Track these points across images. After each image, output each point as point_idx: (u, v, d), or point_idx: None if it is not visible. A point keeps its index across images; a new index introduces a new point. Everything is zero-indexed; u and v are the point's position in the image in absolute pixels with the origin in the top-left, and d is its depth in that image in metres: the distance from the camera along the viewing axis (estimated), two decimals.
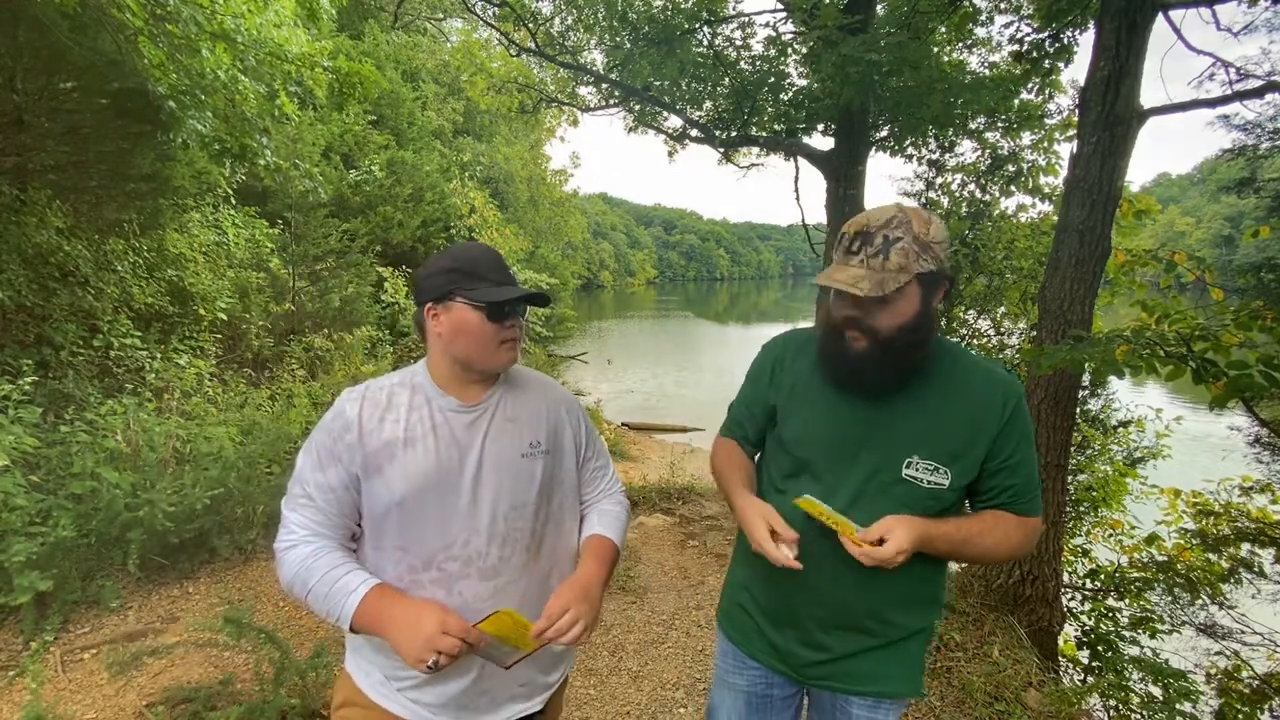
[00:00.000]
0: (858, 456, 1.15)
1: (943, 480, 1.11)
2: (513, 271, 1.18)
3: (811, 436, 1.20)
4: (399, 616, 1.00)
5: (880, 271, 1.03)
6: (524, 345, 1.26)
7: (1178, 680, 3.19)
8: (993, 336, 5.76)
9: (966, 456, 1.11)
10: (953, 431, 1.11)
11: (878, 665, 1.21)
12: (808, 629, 1.23)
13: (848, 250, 1.08)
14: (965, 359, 1.17)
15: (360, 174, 10.55)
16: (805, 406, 1.22)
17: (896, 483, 1.12)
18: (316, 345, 7.11)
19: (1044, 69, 4.71)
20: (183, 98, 4.20)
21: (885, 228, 1.05)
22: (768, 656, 1.29)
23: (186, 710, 2.29)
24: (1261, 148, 3.65)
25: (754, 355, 1.38)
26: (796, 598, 1.23)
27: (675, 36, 5.94)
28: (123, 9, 3.77)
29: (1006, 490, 1.14)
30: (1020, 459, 1.13)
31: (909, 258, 1.03)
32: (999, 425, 1.11)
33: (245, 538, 3.68)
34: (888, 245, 1.03)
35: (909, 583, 1.16)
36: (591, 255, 69.37)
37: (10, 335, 4.19)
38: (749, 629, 1.32)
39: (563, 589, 1.09)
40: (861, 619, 1.19)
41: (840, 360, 1.14)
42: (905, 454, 1.12)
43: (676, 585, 3.75)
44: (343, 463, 1.08)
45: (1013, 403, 1.12)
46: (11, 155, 4.20)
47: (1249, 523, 3.81)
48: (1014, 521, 1.14)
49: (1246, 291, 3.04)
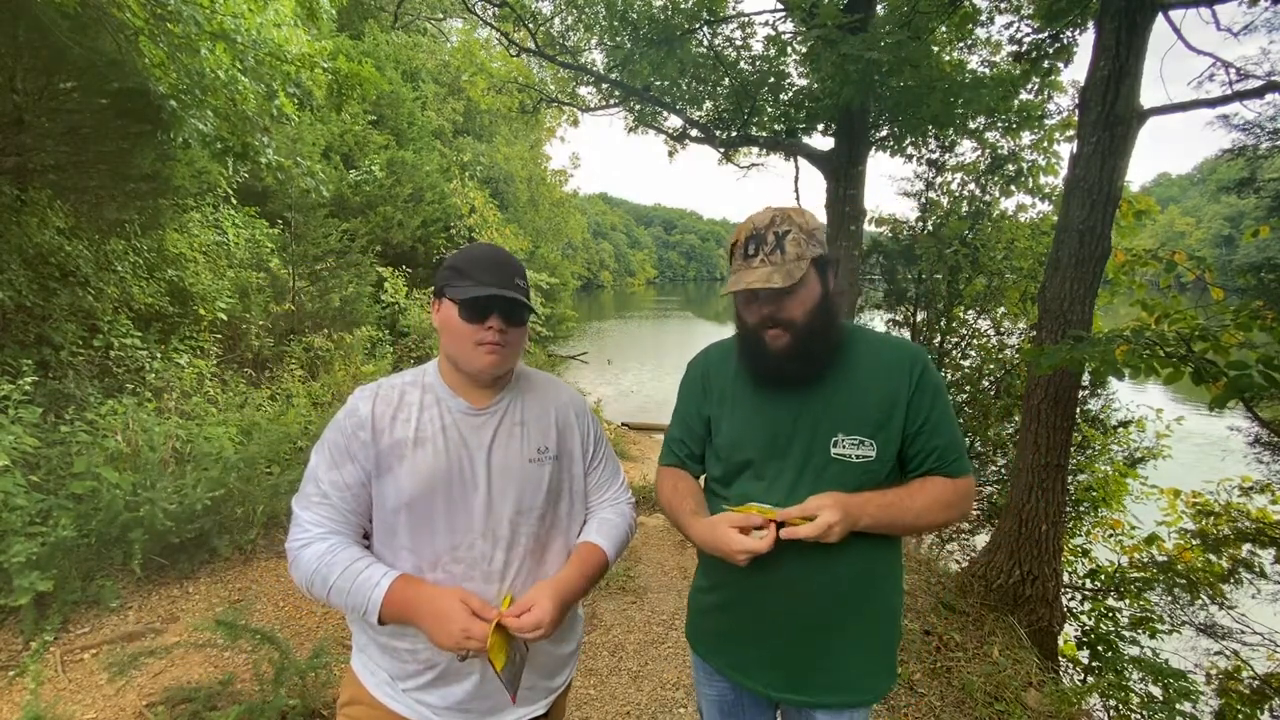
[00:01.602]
0: (790, 447, 1.19)
1: (869, 452, 1.15)
2: (520, 278, 1.12)
3: (744, 438, 1.23)
4: (427, 606, 1.01)
5: (783, 264, 1.10)
6: (525, 346, 1.21)
7: (1178, 680, 3.19)
8: (993, 336, 5.76)
9: (888, 425, 1.16)
10: (870, 403, 1.16)
11: (842, 672, 1.21)
12: (772, 643, 1.23)
13: (746, 255, 1.14)
14: (869, 336, 1.24)
15: (360, 174, 10.54)
16: (735, 411, 1.26)
17: (829, 464, 1.16)
18: (316, 345, 7.10)
19: (1044, 69, 4.71)
20: (183, 97, 4.20)
21: (771, 226, 1.12)
22: (733, 672, 1.30)
23: (186, 710, 2.29)
24: (1261, 148, 3.65)
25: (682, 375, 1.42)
26: (759, 607, 1.23)
27: (675, 36, 5.94)
28: (123, 9, 3.77)
29: (932, 453, 1.18)
30: (938, 418, 1.18)
31: (801, 245, 1.11)
32: (910, 389, 1.16)
33: (245, 538, 3.68)
34: (780, 240, 1.11)
35: (861, 561, 1.18)
36: (591, 255, 69.38)
37: (10, 335, 4.19)
38: (712, 643, 1.34)
39: (536, 587, 1.09)
40: (825, 607, 1.18)
41: (763, 359, 1.19)
42: (830, 434, 1.16)
43: (676, 585, 3.75)
44: (357, 460, 1.08)
45: (919, 366, 1.18)
46: (12, 155, 4.20)
47: (1249, 523, 3.81)
48: (943, 482, 1.18)
49: (1246, 291, 3.04)
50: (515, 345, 1.14)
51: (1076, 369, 3.06)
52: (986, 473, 5.56)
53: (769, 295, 1.13)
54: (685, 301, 62.05)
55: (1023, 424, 3.64)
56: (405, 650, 1.10)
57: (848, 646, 1.21)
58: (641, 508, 5.09)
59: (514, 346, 1.13)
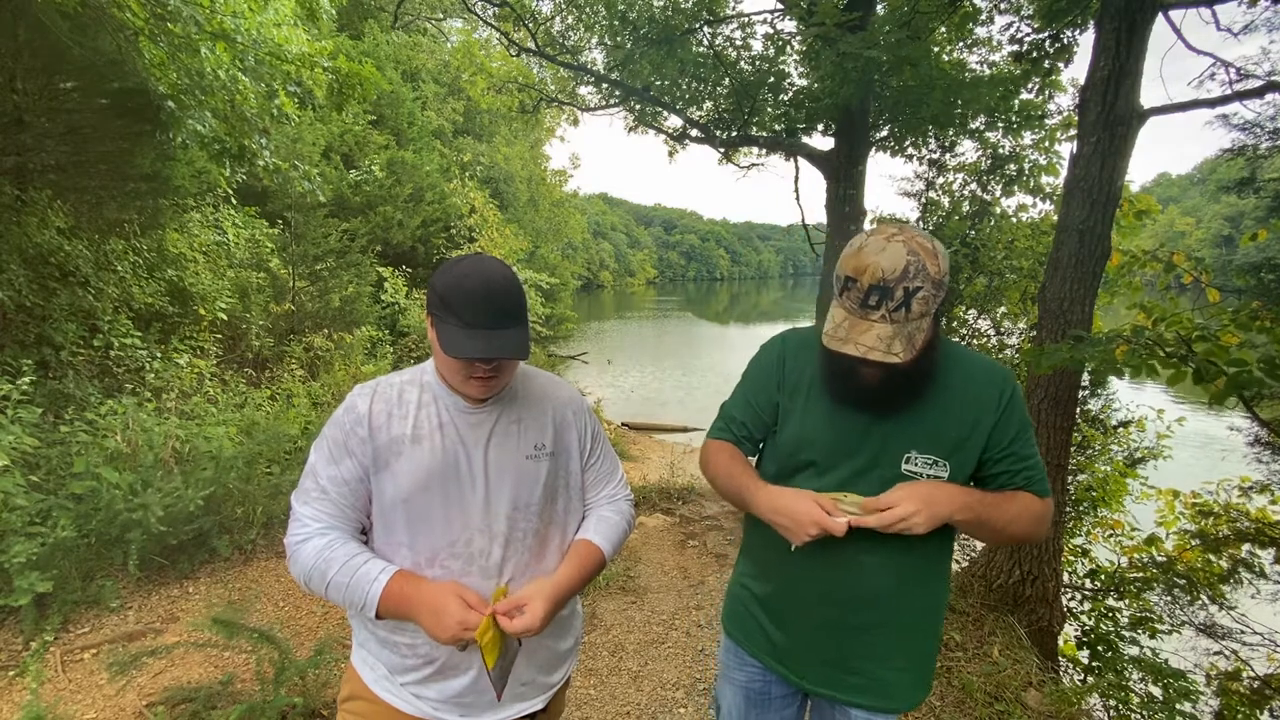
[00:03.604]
0: (857, 454, 1.16)
1: (941, 473, 1.12)
2: (511, 315, 1.03)
3: (809, 440, 1.19)
4: (424, 602, 1.01)
5: (905, 324, 0.99)
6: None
7: (1178, 680, 3.20)
8: (993, 336, 5.76)
9: (964, 449, 1.13)
10: (950, 427, 1.13)
11: (883, 675, 1.20)
12: (817, 637, 1.21)
13: (864, 305, 1.00)
14: (963, 357, 1.18)
15: (360, 174, 10.55)
16: (807, 412, 1.21)
17: (896, 478, 1.13)
18: (316, 345, 7.10)
19: (1044, 69, 4.71)
20: (183, 97, 4.21)
21: (904, 280, 0.97)
22: (767, 657, 1.29)
23: (186, 710, 2.29)
24: (1261, 147, 3.65)
25: (754, 355, 1.37)
26: (809, 600, 1.21)
27: (675, 36, 5.94)
28: (123, 9, 3.77)
29: (1019, 474, 1.15)
30: (1023, 445, 1.15)
31: (928, 304, 0.99)
32: (995, 416, 1.13)
33: (245, 537, 3.68)
34: (908, 297, 0.97)
35: (917, 566, 1.17)
36: (591, 255, 69.34)
37: (10, 335, 4.19)
38: (751, 629, 1.33)
39: (531, 585, 1.10)
40: (877, 608, 1.17)
41: (849, 384, 1.13)
42: (903, 450, 1.13)
43: (676, 585, 3.75)
44: (355, 456, 1.09)
45: (1008, 392, 1.14)
46: (11, 155, 4.20)
47: (1248, 523, 3.81)
48: (1030, 497, 1.15)
49: (1246, 292, 3.04)
50: (508, 372, 1.12)
51: (1076, 369, 3.06)
52: None
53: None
54: (685, 301, 62.03)
55: None
56: (404, 644, 1.11)
57: (893, 650, 1.19)
58: (641, 507, 5.09)
59: (507, 374, 1.12)
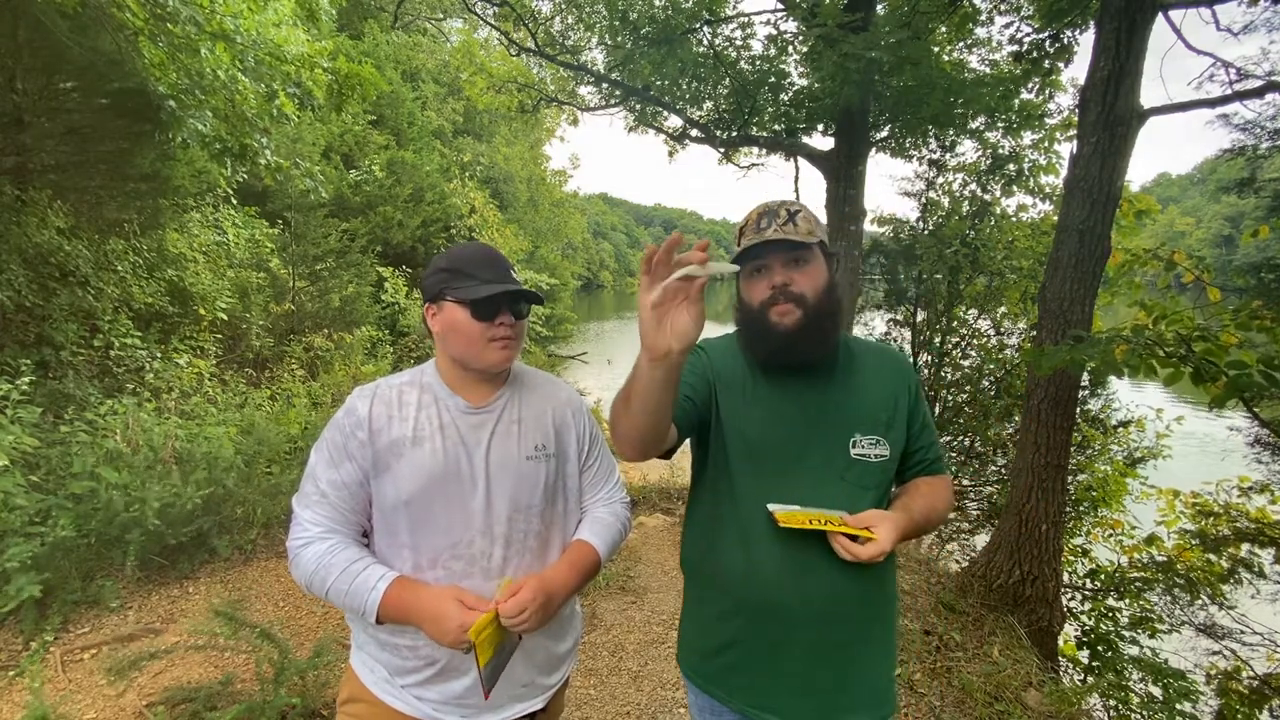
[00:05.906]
0: (808, 448, 1.16)
1: (885, 451, 1.16)
2: (513, 271, 1.16)
3: (762, 438, 1.17)
4: (423, 608, 1.02)
5: (796, 232, 1.13)
6: (525, 346, 1.23)
7: (1177, 680, 3.20)
8: (993, 336, 5.76)
9: (894, 427, 1.19)
10: (879, 406, 1.19)
11: (871, 685, 1.16)
12: (798, 670, 1.14)
13: (758, 228, 1.15)
14: (860, 342, 1.29)
15: (360, 174, 10.55)
16: (750, 409, 1.19)
17: (850, 465, 1.15)
18: (316, 345, 7.11)
19: (1044, 69, 4.72)
20: (183, 97, 4.21)
21: (783, 205, 1.16)
22: (754, 710, 1.16)
23: (186, 710, 2.28)
24: (1261, 147, 3.65)
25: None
26: (783, 632, 1.14)
27: (675, 36, 5.94)
28: (123, 9, 3.77)
29: (929, 450, 1.24)
30: (926, 418, 1.25)
31: (812, 224, 1.15)
32: (909, 396, 1.22)
33: (245, 538, 3.67)
34: (792, 216, 1.14)
35: (878, 570, 1.15)
36: (591, 255, 69.30)
37: (10, 335, 4.19)
38: (727, 682, 1.20)
39: (526, 580, 1.08)
40: (853, 622, 1.14)
41: (771, 338, 1.15)
42: (847, 434, 1.16)
43: (676, 585, 3.75)
44: (355, 459, 1.09)
45: (913, 375, 1.26)
46: (11, 155, 4.20)
47: (1248, 523, 3.81)
48: (940, 480, 1.25)
49: (1246, 292, 3.04)
50: (522, 337, 1.18)
51: (1077, 369, 3.06)
52: (986, 473, 5.56)
53: (782, 263, 1.14)
54: None
55: (1023, 424, 3.64)
56: (405, 647, 1.10)
57: (873, 657, 1.17)
58: (641, 507, 5.08)
59: (521, 338, 1.18)
